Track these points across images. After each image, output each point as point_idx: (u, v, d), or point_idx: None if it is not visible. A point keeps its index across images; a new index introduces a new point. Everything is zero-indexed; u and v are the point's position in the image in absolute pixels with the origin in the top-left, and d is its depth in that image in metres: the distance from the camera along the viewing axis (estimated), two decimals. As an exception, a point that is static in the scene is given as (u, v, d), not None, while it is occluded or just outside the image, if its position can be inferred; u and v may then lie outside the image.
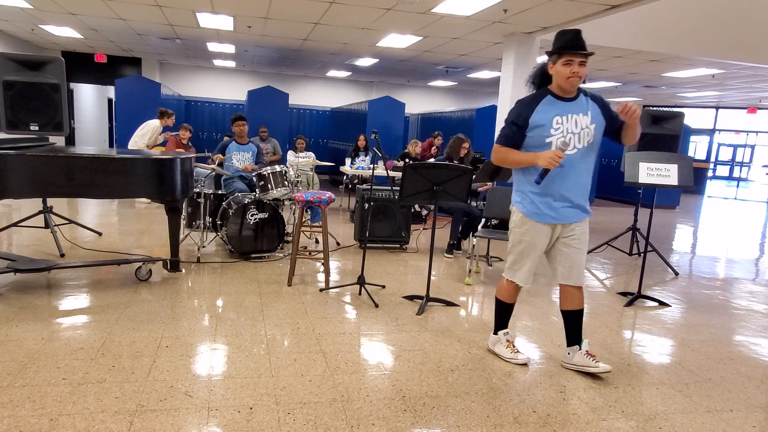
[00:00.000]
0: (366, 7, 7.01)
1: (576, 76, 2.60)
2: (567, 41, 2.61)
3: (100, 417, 2.21)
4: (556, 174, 2.69)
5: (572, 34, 2.61)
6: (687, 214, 10.77)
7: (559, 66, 2.63)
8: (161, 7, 7.83)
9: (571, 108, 2.70)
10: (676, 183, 4.21)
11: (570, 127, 2.68)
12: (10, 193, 3.66)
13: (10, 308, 3.39)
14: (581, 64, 2.60)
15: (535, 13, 6.70)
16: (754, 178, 23.08)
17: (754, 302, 4.63)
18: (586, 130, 2.70)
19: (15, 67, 4.44)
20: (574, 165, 2.72)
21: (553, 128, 2.68)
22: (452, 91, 17.19)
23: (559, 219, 2.78)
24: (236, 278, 4.35)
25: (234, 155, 5.76)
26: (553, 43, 2.67)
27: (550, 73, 2.70)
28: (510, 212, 2.95)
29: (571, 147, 2.68)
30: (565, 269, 2.86)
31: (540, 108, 2.70)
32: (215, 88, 15.38)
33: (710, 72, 10.92)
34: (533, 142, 2.72)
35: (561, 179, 2.72)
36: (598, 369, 2.84)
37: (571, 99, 2.71)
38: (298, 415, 2.32)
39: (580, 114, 2.70)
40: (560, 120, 2.68)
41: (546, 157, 2.58)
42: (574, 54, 2.58)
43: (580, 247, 2.83)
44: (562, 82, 2.65)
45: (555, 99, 2.71)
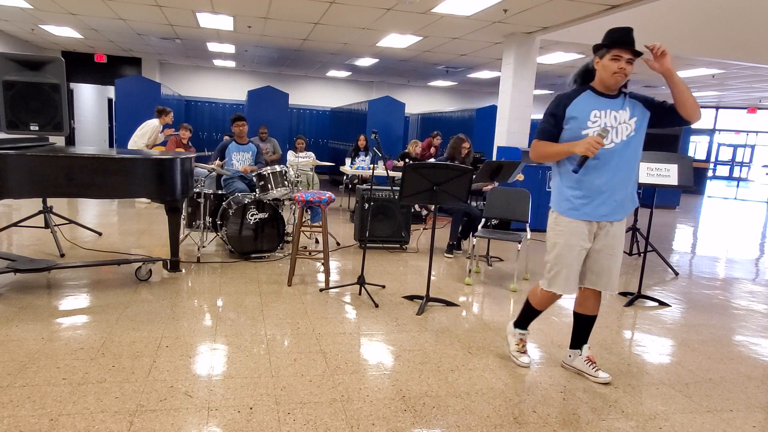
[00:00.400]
0: (366, 7, 7.01)
1: (622, 73, 2.54)
2: (618, 37, 2.54)
3: (100, 417, 2.21)
4: (593, 167, 2.60)
5: (624, 30, 2.55)
6: (687, 214, 10.77)
7: (606, 60, 2.56)
8: (161, 7, 7.83)
9: (610, 104, 2.62)
10: (676, 183, 4.21)
11: (608, 122, 2.60)
12: (10, 193, 3.66)
13: (10, 308, 3.39)
14: (629, 62, 2.53)
15: (535, 13, 6.69)
16: (754, 178, 23.07)
17: (754, 302, 4.62)
18: (624, 125, 2.60)
19: (15, 67, 4.44)
20: (612, 159, 2.61)
21: (590, 121, 2.60)
22: (452, 91, 17.19)
23: (595, 216, 2.66)
24: (236, 278, 4.35)
25: (234, 155, 5.75)
26: (603, 39, 2.60)
27: (596, 67, 2.63)
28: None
29: (608, 140, 2.58)
30: (593, 274, 2.74)
31: (579, 100, 2.64)
32: (215, 88, 15.38)
33: (710, 72, 10.92)
34: (570, 134, 2.64)
35: (597, 172, 2.62)
36: (597, 378, 2.82)
37: (612, 96, 2.64)
38: (298, 415, 2.32)
39: (618, 110, 2.62)
40: (598, 114, 2.61)
41: (584, 144, 2.50)
42: (623, 50, 2.52)
43: (612, 253, 2.71)
44: (607, 77, 2.57)
45: (595, 94, 2.64)
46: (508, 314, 3.89)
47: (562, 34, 7.62)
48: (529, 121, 8.14)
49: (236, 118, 5.82)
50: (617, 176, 2.64)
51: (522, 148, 7.64)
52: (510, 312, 3.95)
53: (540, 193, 7.35)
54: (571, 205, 2.67)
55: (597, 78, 2.65)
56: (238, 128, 5.80)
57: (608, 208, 2.66)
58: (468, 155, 5.85)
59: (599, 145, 2.49)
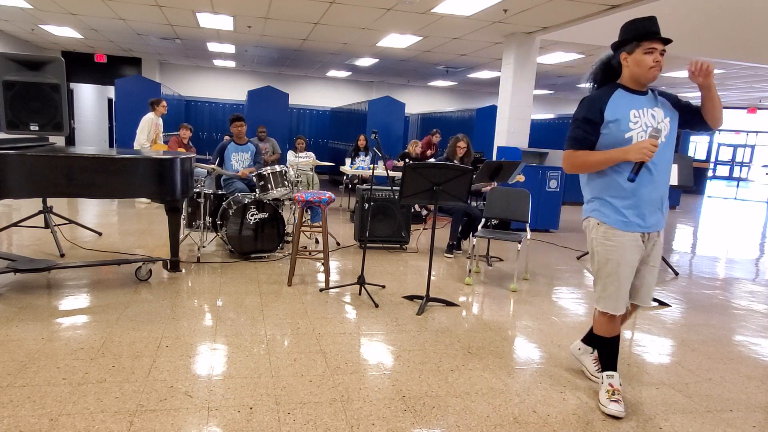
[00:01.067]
0: (366, 7, 7.01)
1: (659, 66, 2.33)
2: (646, 28, 2.34)
3: (100, 417, 2.21)
4: (642, 173, 2.35)
5: (651, 20, 2.35)
6: (687, 214, 10.77)
7: (638, 55, 2.34)
8: (161, 7, 7.83)
9: (644, 102, 2.42)
10: (676, 183, 4.21)
11: (648, 121, 2.38)
12: (10, 193, 3.66)
13: (10, 308, 3.39)
14: (662, 53, 2.34)
15: (535, 13, 6.70)
16: (754, 178, 23.07)
17: (754, 302, 4.63)
18: (662, 124, 2.40)
19: (15, 67, 4.44)
20: (658, 162, 2.39)
21: (631, 122, 2.37)
22: (452, 91, 17.19)
23: (647, 227, 2.44)
24: (236, 278, 4.35)
25: (233, 156, 5.75)
26: (625, 33, 2.42)
27: (625, 63, 2.41)
28: (583, 227, 2.60)
29: (660, 141, 2.36)
30: (634, 287, 2.53)
31: (614, 101, 2.40)
32: (215, 88, 15.39)
33: (710, 72, 10.90)
34: (609, 140, 2.39)
35: (645, 178, 2.38)
36: (595, 379, 2.78)
37: (642, 93, 2.44)
38: (298, 415, 2.32)
39: (653, 107, 2.42)
40: (637, 113, 2.38)
41: (638, 149, 2.26)
42: (656, 41, 2.31)
43: (654, 264, 2.54)
44: (643, 73, 2.35)
45: (627, 92, 2.42)
46: (508, 314, 3.89)
47: (562, 34, 7.62)
48: (529, 121, 8.14)
49: (235, 118, 5.81)
50: (662, 181, 2.44)
51: (522, 148, 7.64)
52: (510, 312, 3.95)
53: (540, 193, 7.36)
54: (622, 217, 2.42)
55: (627, 74, 2.43)
56: (237, 129, 5.80)
57: (657, 216, 2.47)
58: (467, 155, 5.76)
59: (655, 148, 2.27)
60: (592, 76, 2.58)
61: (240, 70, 15.53)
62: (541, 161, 7.78)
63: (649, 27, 2.36)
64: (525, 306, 4.10)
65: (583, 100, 2.48)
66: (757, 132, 21.87)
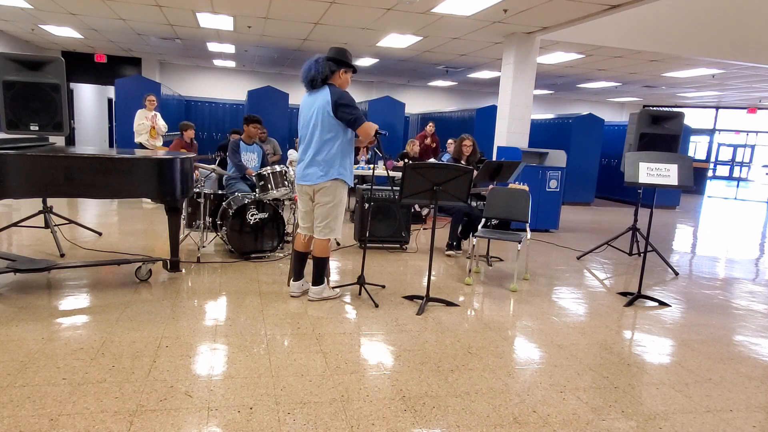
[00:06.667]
0: (366, 7, 7.01)
1: None
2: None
3: (100, 417, 2.21)
4: None
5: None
6: (687, 214, 10.77)
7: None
8: (161, 7, 7.83)
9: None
10: (676, 183, 4.20)
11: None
12: (10, 193, 3.66)
13: (10, 308, 3.39)
14: None
15: (535, 13, 6.70)
16: (754, 178, 23.07)
17: (754, 302, 4.63)
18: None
19: (15, 67, 4.44)
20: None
21: None
22: (452, 91, 17.19)
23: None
24: (236, 278, 4.35)
25: (242, 155, 5.74)
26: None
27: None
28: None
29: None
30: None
31: None
32: (215, 88, 15.39)
33: (710, 72, 10.92)
34: None
35: None
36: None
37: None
38: (298, 415, 2.32)
39: None
40: None
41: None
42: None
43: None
44: None
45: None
46: (508, 314, 3.89)
47: (562, 34, 7.63)
48: (529, 121, 8.14)
49: (254, 119, 5.74)
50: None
51: (522, 148, 7.64)
52: (510, 312, 3.95)
53: (540, 193, 7.36)
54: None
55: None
56: (254, 130, 5.75)
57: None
58: (473, 153, 5.87)
59: None
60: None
61: (240, 70, 15.54)
62: (541, 161, 7.78)
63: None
64: (525, 306, 4.10)
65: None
66: (757, 132, 21.87)
